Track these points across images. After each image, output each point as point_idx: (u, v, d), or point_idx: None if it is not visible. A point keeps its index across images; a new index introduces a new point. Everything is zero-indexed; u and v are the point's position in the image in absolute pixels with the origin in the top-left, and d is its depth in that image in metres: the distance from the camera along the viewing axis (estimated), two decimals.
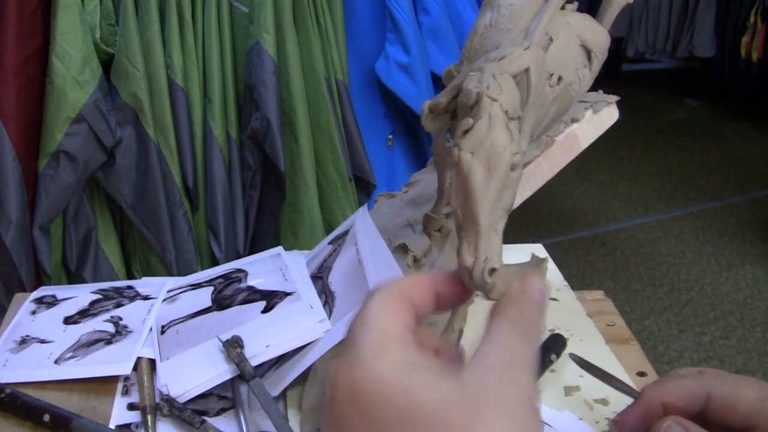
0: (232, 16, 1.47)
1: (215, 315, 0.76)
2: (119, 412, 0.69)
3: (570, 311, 0.83)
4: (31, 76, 1.34)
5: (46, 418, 0.66)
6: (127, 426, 0.67)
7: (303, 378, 0.67)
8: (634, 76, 4.51)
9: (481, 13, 0.59)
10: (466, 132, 0.40)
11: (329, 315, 0.71)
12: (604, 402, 0.68)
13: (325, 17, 1.47)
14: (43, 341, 0.77)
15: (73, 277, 1.47)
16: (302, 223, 1.54)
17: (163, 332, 0.76)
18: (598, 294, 0.88)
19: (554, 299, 0.86)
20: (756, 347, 2.10)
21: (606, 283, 2.44)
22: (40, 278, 1.43)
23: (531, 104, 0.54)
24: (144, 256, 1.53)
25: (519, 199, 0.81)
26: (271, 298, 0.76)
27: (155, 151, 1.44)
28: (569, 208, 2.95)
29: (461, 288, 0.39)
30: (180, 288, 0.83)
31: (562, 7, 0.65)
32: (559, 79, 0.62)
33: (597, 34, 0.67)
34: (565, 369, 0.72)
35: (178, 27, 1.41)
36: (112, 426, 0.67)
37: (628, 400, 0.57)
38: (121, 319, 0.79)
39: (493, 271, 0.39)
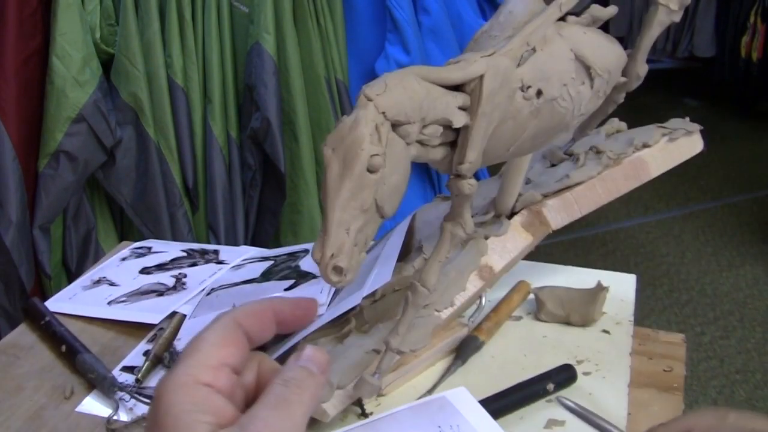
0: (232, 16, 1.47)
1: (254, 286, 0.79)
2: (134, 356, 0.74)
3: (612, 345, 0.75)
4: (31, 76, 1.34)
5: (63, 348, 0.73)
6: (131, 368, 0.71)
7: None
8: None
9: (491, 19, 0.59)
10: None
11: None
12: None
13: (325, 17, 1.47)
14: (112, 284, 0.85)
15: (74, 277, 1.47)
16: (302, 223, 1.54)
17: (208, 294, 0.79)
18: (677, 337, 0.77)
19: (606, 331, 0.77)
20: (756, 347, 2.09)
21: None
22: (40, 278, 1.43)
23: (481, 114, 0.52)
24: None
25: (564, 221, 0.77)
26: (301, 279, 0.78)
27: (155, 151, 1.44)
28: None
29: (302, 312, 0.43)
30: (252, 259, 0.87)
31: (563, 19, 0.62)
32: (539, 92, 0.58)
33: (602, 50, 0.62)
34: (560, 403, 0.67)
35: (178, 27, 1.41)
36: (120, 365, 0.72)
37: None
38: (185, 276, 0.85)
39: (339, 269, 0.39)
